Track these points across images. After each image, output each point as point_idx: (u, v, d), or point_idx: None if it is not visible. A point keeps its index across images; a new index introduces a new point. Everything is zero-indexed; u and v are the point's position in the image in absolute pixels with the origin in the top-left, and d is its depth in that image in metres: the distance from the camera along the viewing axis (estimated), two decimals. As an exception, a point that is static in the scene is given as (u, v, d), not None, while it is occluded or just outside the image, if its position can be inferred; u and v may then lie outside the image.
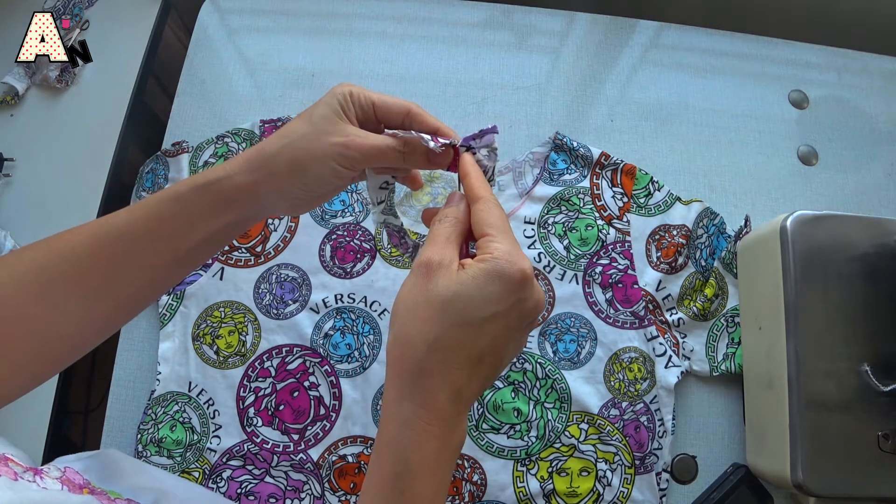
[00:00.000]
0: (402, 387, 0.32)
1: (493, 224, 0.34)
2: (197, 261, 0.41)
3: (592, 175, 0.64)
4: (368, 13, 0.72)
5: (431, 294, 0.32)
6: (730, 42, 0.73)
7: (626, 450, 0.56)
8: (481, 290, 0.32)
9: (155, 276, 0.39)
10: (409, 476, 0.31)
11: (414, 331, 0.32)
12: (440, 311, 0.31)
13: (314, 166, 0.37)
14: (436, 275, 0.32)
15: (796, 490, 0.50)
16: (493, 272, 0.32)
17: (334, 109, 0.37)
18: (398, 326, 0.33)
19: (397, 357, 0.32)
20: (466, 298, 0.31)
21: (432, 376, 0.31)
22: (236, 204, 0.38)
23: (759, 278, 0.56)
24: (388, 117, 0.39)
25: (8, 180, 0.66)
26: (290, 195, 0.38)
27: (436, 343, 0.31)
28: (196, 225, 0.38)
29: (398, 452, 0.31)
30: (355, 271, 0.61)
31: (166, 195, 0.38)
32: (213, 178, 0.37)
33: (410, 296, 0.33)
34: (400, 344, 0.32)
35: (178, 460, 0.56)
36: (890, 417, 0.50)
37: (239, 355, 0.59)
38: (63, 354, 0.39)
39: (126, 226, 0.37)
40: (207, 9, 0.72)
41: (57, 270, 0.36)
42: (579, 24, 0.73)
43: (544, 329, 0.60)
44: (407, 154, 0.38)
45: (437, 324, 0.31)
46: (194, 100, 0.68)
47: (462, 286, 0.32)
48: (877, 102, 0.71)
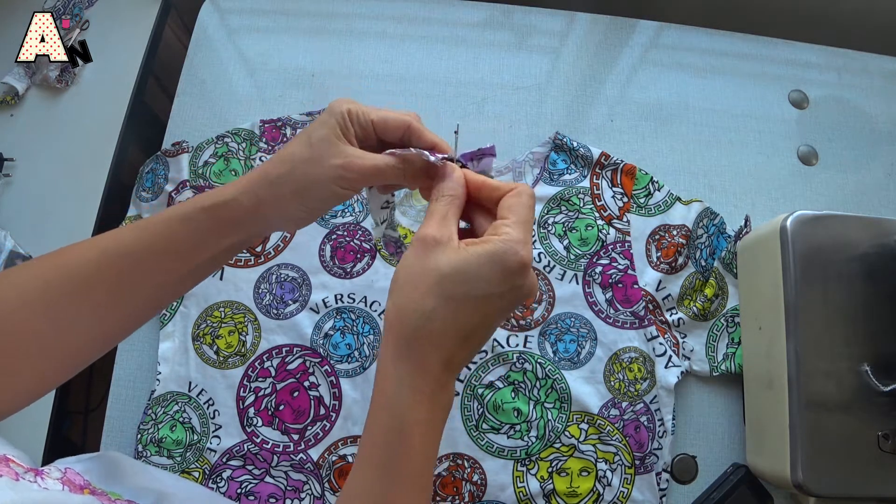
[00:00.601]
0: (399, 350, 0.33)
1: (517, 212, 0.35)
2: (200, 277, 0.42)
3: (592, 175, 0.64)
4: (368, 13, 0.72)
5: (430, 267, 0.33)
6: (730, 42, 0.73)
7: (626, 450, 0.56)
8: (480, 270, 0.33)
9: (159, 293, 0.40)
10: (405, 430, 0.33)
11: (412, 301, 0.33)
12: (438, 284, 0.33)
13: (315, 190, 0.38)
14: (434, 250, 0.34)
15: (796, 490, 0.50)
16: (495, 255, 0.33)
17: (333, 130, 0.38)
18: (397, 295, 0.34)
19: (394, 323, 0.34)
20: (465, 276, 0.33)
21: (426, 344, 0.33)
22: (242, 225, 0.39)
23: (759, 278, 0.56)
24: (386, 134, 0.40)
25: (8, 180, 0.66)
26: (293, 216, 0.39)
27: (431, 314, 0.33)
28: (202, 245, 0.39)
29: (394, 407, 0.33)
30: (355, 271, 0.61)
31: (174, 215, 0.38)
32: (220, 200, 0.38)
33: (410, 267, 0.34)
34: (398, 311, 0.34)
35: (178, 460, 0.56)
36: (890, 417, 0.50)
37: (239, 355, 0.59)
38: (65, 369, 0.39)
39: (134, 244, 0.38)
40: (207, 9, 0.72)
41: (63, 288, 0.36)
42: (579, 24, 0.73)
43: (544, 329, 0.60)
44: (406, 171, 0.38)
45: (434, 296, 0.33)
46: (194, 100, 0.68)
47: (463, 263, 0.33)
48: (877, 102, 0.71)
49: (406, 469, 0.33)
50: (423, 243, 0.34)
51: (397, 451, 0.33)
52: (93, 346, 0.39)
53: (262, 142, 0.65)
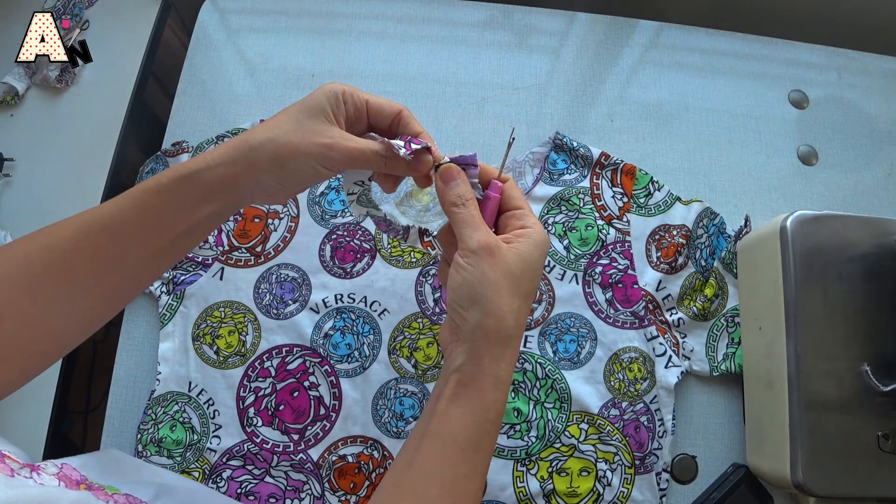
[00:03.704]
0: (495, 351, 0.37)
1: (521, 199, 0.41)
2: (179, 251, 0.42)
3: (592, 175, 0.64)
4: (368, 13, 0.72)
5: (506, 272, 0.37)
6: (730, 42, 0.73)
7: (626, 450, 0.56)
8: (534, 260, 0.38)
9: (139, 267, 0.40)
10: (497, 420, 0.37)
11: (504, 305, 0.37)
12: (516, 285, 0.37)
13: (295, 163, 0.38)
14: (498, 254, 0.37)
15: (796, 490, 0.50)
16: (538, 243, 0.39)
17: (322, 109, 0.39)
18: (488, 304, 0.37)
19: (492, 330, 0.37)
20: (529, 270, 0.38)
21: (516, 337, 0.38)
22: (217, 194, 0.39)
23: (759, 278, 0.56)
24: (379, 118, 0.41)
25: (8, 180, 0.66)
26: (267, 187, 0.39)
27: (518, 312, 0.38)
28: (178, 216, 0.39)
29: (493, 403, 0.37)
30: (355, 271, 0.61)
31: (148, 186, 0.38)
32: (195, 168, 0.38)
33: (487, 276, 0.37)
34: (496, 319, 0.37)
35: (178, 460, 0.56)
36: (890, 417, 0.50)
37: (239, 355, 0.59)
38: (52, 349, 0.39)
39: (109, 217, 0.38)
40: (207, 9, 0.72)
41: (43, 264, 0.37)
42: (579, 24, 0.73)
43: (544, 329, 0.60)
44: (388, 159, 0.39)
45: (518, 297, 0.37)
46: (194, 100, 0.68)
47: (522, 261, 0.38)
48: (877, 102, 0.71)
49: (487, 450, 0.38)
50: (490, 252, 0.37)
51: (486, 438, 0.37)
52: (76, 325, 0.40)
53: (262, 142, 0.65)
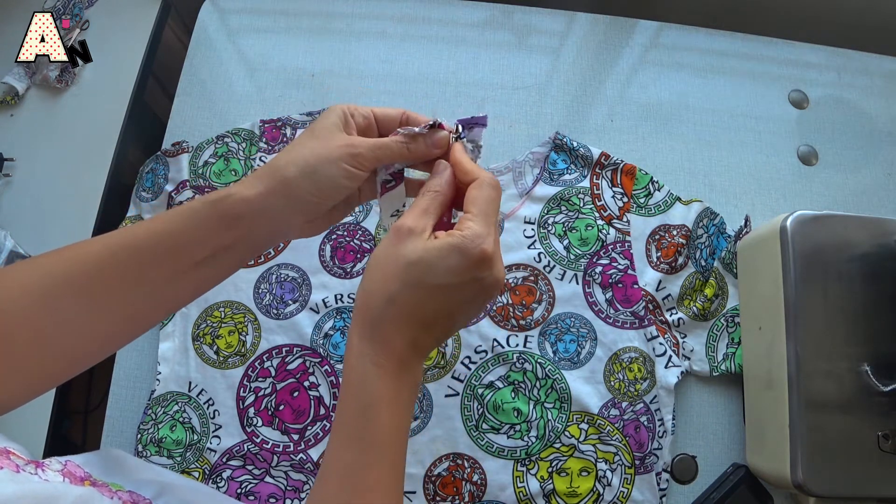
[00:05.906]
0: (364, 330, 0.36)
1: (478, 205, 0.37)
2: (202, 280, 0.41)
3: (592, 175, 0.64)
4: (368, 13, 0.72)
5: (399, 255, 0.35)
6: (730, 42, 0.73)
7: (626, 450, 0.56)
8: (442, 260, 0.35)
9: (159, 291, 0.39)
10: (372, 405, 0.35)
11: (378, 285, 0.36)
12: (403, 270, 0.35)
13: (325, 167, 0.39)
14: (406, 239, 0.36)
15: (796, 490, 0.50)
16: (456, 247, 0.35)
17: (335, 124, 0.40)
18: (366, 279, 0.37)
19: (361, 305, 0.36)
20: (427, 265, 0.35)
21: (389, 325, 0.35)
22: (245, 218, 0.39)
23: (759, 278, 0.56)
24: (386, 122, 0.42)
25: (8, 180, 0.66)
26: (304, 202, 0.39)
27: (395, 297, 0.35)
28: (203, 239, 0.38)
29: (362, 384, 0.35)
30: (355, 271, 0.61)
31: (181, 209, 0.39)
32: (224, 194, 0.39)
33: (382, 254, 0.36)
34: (366, 294, 0.36)
35: (178, 460, 0.56)
36: (890, 417, 0.50)
37: (239, 355, 0.59)
38: (61, 368, 0.39)
39: (133, 237, 0.38)
40: (207, 9, 0.72)
41: (62, 277, 0.36)
42: (579, 24, 0.73)
43: (544, 329, 0.60)
44: (410, 144, 0.41)
45: (398, 282, 0.35)
46: (194, 100, 0.68)
47: (426, 253, 0.35)
48: (877, 102, 0.71)
49: (375, 441, 0.35)
50: (398, 232, 0.36)
51: (365, 425, 0.35)
52: (89, 347, 0.39)
53: (262, 142, 0.65)
